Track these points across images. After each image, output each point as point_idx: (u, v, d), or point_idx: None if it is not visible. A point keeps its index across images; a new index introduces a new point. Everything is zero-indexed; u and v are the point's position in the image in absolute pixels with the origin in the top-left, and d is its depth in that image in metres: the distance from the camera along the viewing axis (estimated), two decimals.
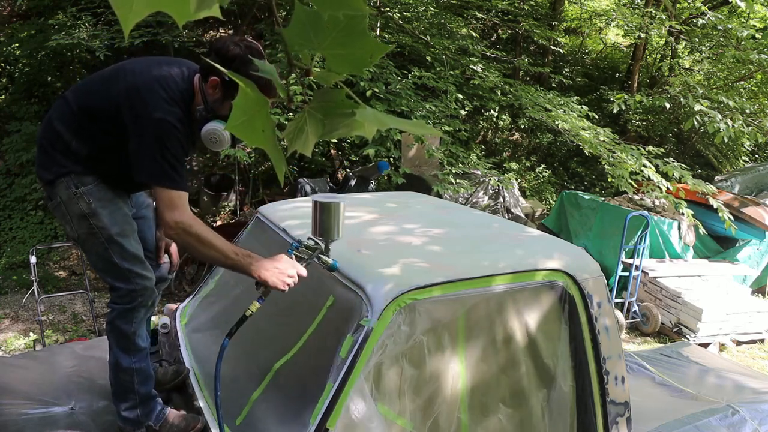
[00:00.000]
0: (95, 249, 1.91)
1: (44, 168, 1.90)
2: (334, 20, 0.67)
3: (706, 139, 10.73)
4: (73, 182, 1.86)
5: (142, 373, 1.99)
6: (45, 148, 1.90)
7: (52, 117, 1.92)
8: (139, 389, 1.97)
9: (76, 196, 1.86)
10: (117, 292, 1.93)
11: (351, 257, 1.83)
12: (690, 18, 9.16)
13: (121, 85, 1.84)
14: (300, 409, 1.62)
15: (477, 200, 7.26)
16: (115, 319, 1.95)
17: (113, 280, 1.93)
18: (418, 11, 7.90)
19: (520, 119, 10.02)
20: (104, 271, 1.95)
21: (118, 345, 1.97)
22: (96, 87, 1.91)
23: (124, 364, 1.96)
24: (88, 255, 1.97)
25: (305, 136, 0.72)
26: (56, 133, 1.88)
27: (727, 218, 5.53)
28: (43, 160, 1.90)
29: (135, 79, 1.85)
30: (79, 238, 1.92)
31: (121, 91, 1.83)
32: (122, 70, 1.91)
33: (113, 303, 1.95)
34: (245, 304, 2.28)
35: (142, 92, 1.80)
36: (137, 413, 1.97)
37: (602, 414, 1.92)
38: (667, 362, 3.26)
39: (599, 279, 1.95)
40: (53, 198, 1.91)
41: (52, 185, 1.88)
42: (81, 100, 1.90)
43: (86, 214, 1.87)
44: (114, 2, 0.57)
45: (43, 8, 8.16)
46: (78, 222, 1.88)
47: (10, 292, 5.94)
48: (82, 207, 1.87)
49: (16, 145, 7.32)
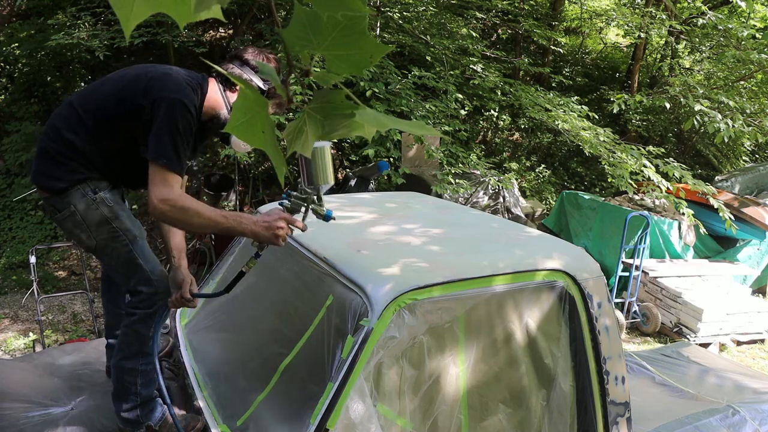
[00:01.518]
0: (118, 253, 1.87)
1: (54, 178, 1.84)
2: (333, 21, 0.67)
3: (706, 139, 10.72)
4: (90, 188, 1.85)
5: (147, 375, 1.97)
6: (54, 158, 1.84)
7: (60, 127, 1.86)
8: (141, 391, 1.96)
9: (96, 202, 1.84)
10: (138, 296, 1.89)
11: (351, 257, 1.83)
12: (690, 18, 9.15)
13: (134, 73, 1.87)
14: (300, 409, 1.62)
15: (477, 200, 7.26)
16: (135, 323, 1.91)
17: (137, 284, 1.89)
18: (418, 11, 7.90)
19: (520, 119, 10.02)
20: (128, 275, 1.90)
21: (130, 348, 1.93)
22: (104, 87, 1.91)
23: (129, 365, 1.93)
24: (110, 260, 1.91)
25: (305, 136, 0.72)
26: (68, 142, 1.84)
27: (728, 218, 5.53)
28: (52, 169, 1.84)
29: (148, 69, 1.88)
30: (98, 246, 1.88)
31: (136, 78, 1.84)
32: (128, 69, 1.94)
33: (134, 308, 1.91)
34: (245, 304, 2.28)
35: (161, 77, 1.83)
36: (137, 414, 1.97)
37: (602, 414, 1.92)
38: (667, 362, 3.26)
39: (599, 279, 1.95)
40: (63, 209, 1.85)
41: (64, 194, 1.83)
42: (90, 102, 1.88)
43: (108, 218, 1.85)
44: (115, 3, 0.57)
45: (42, 8, 8.16)
46: (97, 228, 1.85)
47: (10, 292, 5.94)
48: (103, 211, 1.85)
49: (16, 145, 7.32)
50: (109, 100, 1.86)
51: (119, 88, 1.87)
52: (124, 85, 1.86)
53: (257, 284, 2.28)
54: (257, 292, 2.26)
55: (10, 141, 7.38)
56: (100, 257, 1.96)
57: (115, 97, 1.85)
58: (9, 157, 7.33)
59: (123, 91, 1.84)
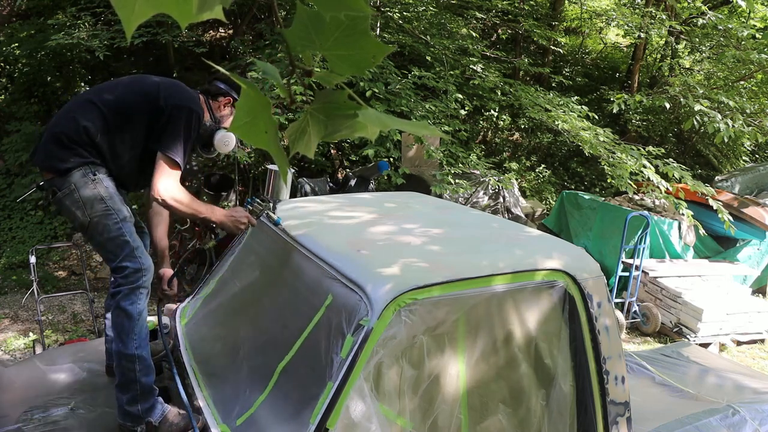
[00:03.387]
0: (109, 230, 2.05)
1: (59, 159, 2.04)
2: (335, 21, 0.67)
3: (706, 139, 10.72)
4: (91, 171, 2.07)
5: (144, 361, 2.04)
6: (63, 142, 2.05)
7: (77, 116, 2.07)
8: (140, 378, 2.01)
9: (94, 182, 2.06)
10: (123, 272, 2.05)
11: (351, 257, 1.84)
12: (690, 18, 9.15)
13: (153, 80, 2.19)
14: (300, 409, 1.62)
15: (477, 200, 7.26)
16: (122, 300, 2.04)
17: (123, 260, 2.05)
18: (418, 11, 7.90)
19: (520, 119, 10.02)
20: (115, 252, 2.06)
21: (123, 330, 2.03)
22: (122, 87, 2.17)
23: (127, 351, 2.02)
24: (100, 237, 2.07)
25: (307, 137, 0.73)
26: (82, 128, 2.06)
27: (727, 219, 5.54)
28: (59, 152, 2.05)
29: (163, 78, 2.23)
30: (90, 223, 2.05)
31: (157, 84, 2.17)
32: (142, 76, 2.26)
33: (119, 285, 2.05)
34: (245, 304, 2.29)
35: (180, 87, 2.21)
36: (138, 408, 2.00)
37: (602, 414, 1.92)
38: (667, 362, 3.26)
39: (599, 279, 1.95)
40: (63, 188, 2.04)
41: (67, 174, 2.03)
42: (111, 98, 2.12)
43: (103, 197, 2.06)
44: (116, 3, 0.57)
45: (42, 8, 8.15)
46: (92, 205, 2.04)
47: (10, 292, 5.94)
48: (100, 190, 2.06)
49: (16, 145, 7.31)
50: (132, 97, 2.14)
51: (141, 88, 2.17)
52: (145, 86, 2.17)
53: (257, 284, 2.29)
54: (257, 291, 2.26)
55: (10, 141, 7.38)
56: (91, 236, 2.10)
57: (137, 95, 2.14)
58: (9, 157, 7.32)
59: (146, 92, 2.15)
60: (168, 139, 2.09)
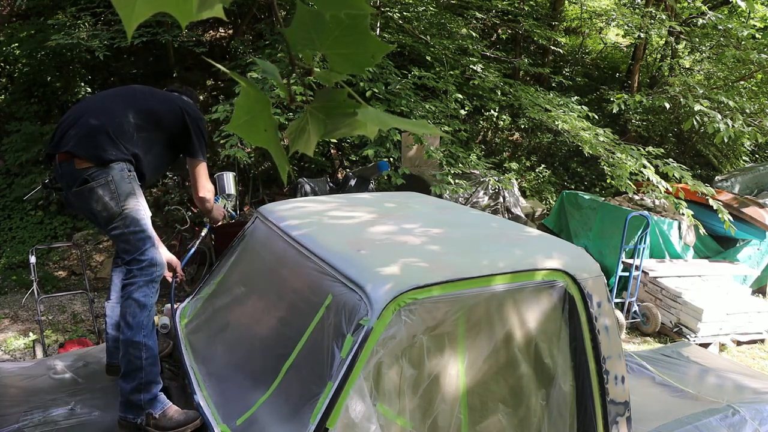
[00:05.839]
0: (136, 223, 2.22)
1: (103, 150, 2.20)
2: (336, 19, 0.67)
3: (706, 139, 10.71)
4: (126, 167, 2.25)
5: (151, 350, 2.12)
6: (110, 135, 2.23)
7: (119, 114, 2.29)
8: (146, 366, 2.06)
9: (129, 178, 2.24)
10: (140, 264, 2.19)
11: (351, 257, 1.83)
12: (690, 18, 9.15)
13: (173, 98, 2.51)
14: (300, 409, 1.62)
15: (477, 200, 7.26)
16: (135, 292, 2.16)
17: (143, 253, 2.20)
18: (418, 11, 7.90)
19: (520, 119, 10.01)
20: (136, 245, 2.21)
21: (134, 319, 2.12)
22: (153, 100, 2.43)
23: (136, 338, 2.10)
24: (126, 228, 2.22)
25: (307, 135, 0.72)
26: (128, 125, 2.28)
27: (727, 219, 5.53)
28: (106, 144, 2.21)
29: (175, 93, 2.61)
30: (122, 214, 2.21)
31: (177, 101, 2.48)
32: (155, 89, 2.59)
33: (134, 277, 2.18)
34: (245, 303, 2.29)
35: (190, 104, 2.56)
36: (140, 397, 2.01)
37: (602, 414, 1.92)
38: (667, 362, 3.26)
39: (599, 279, 1.95)
40: (98, 177, 2.19)
41: (107, 165, 2.20)
42: (139, 106, 2.35)
43: (136, 193, 2.25)
44: (117, 2, 0.57)
45: (42, 8, 8.16)
46: (126, 198, 2.21)
47: (10, 292, 5.95)
48: (134, 186, 2.25)
49: (16, 145, 7.32)
50: (159, 106, 2.42)
51: (164, 99, 2.47)
52: (167, 97, 2.49)
53: (257, 284, 2.29)
54: (257, 291, 2.26)
55: (10, 141, 7.38)
56: (117, 226, 2.23)
57: (162, 105, 2.43)
58: (9, 157, 7.33)
59: (169, 104, 2.45)
60: (198, 147, 2.48)
